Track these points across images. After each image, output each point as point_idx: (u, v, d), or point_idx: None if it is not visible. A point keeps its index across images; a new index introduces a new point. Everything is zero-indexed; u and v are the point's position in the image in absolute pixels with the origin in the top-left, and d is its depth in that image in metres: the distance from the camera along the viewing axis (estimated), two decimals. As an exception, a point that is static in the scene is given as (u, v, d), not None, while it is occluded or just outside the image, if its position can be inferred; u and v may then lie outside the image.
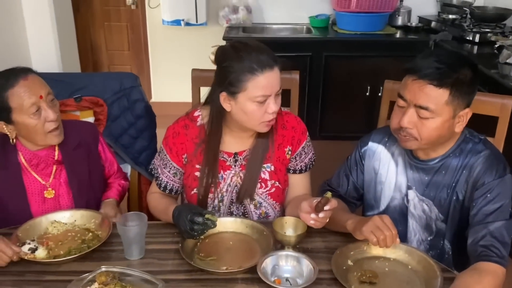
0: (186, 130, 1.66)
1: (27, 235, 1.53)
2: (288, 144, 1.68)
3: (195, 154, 1.65)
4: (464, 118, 1.42)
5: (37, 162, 1.66)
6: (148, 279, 1.31)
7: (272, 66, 1.47)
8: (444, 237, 1.54)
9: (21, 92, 1.53)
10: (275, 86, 1.49)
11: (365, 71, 3.80)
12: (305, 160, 1.72)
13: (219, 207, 1.69)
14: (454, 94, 1.36)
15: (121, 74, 2.27)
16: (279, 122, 1.67)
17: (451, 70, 1.35)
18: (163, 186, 1.71)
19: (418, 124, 1.40)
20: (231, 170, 1.66)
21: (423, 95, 1.37)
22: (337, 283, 1.32)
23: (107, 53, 4.73)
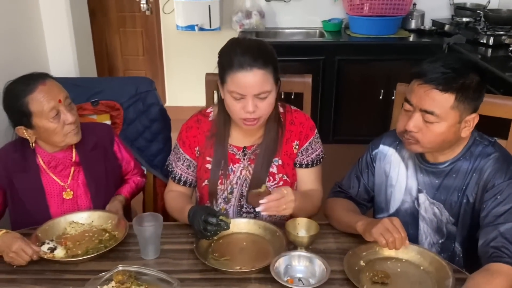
0: (198, 124, 1.73)
1: (46, 235, 1.58)
2: (295, 139, 1.71)
3: (206, 147, 1.71)
4: (470, 123, 1.42)
5: (55, 164, 1.71)
6: (164, 278, 1.34)
7: (250, 68, 1.48)
8: (454, 240, 1.55)
9: (41, 97, 1.58)
10: (250, 88, 1.50)
11: (378, 75, 3.80)
12: (312, 156, 1.74)
13: (229, 199, 1.72)
14: (459, 99, 1.36)
15: (137, 78, 2.31)
16: (288, 118, 1.72)
17: (457, 75, 1.36)
18: (178, 179, 1.76)
19: (423, 128, 1.41)
20: (240, 163, 1.71)
21: (428, 100, 1.38)
22: (349, 283, 1.34)
23: (122, 58, 4.80)
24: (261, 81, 1.50)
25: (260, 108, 1.54)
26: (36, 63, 2.42)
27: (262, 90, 1.51)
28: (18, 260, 1.42)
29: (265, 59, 1.51)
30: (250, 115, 1.53)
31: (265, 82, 1.51)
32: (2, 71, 2.12)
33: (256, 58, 1.49)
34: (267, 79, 1.52)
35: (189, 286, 1.36)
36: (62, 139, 1.64)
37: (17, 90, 1.59)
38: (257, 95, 1.52)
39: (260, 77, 1.50)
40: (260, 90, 1.51)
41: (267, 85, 1.52)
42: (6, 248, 1.43)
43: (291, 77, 2.12)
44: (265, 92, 1.52)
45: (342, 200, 1.69)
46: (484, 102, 1.78)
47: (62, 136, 1.63)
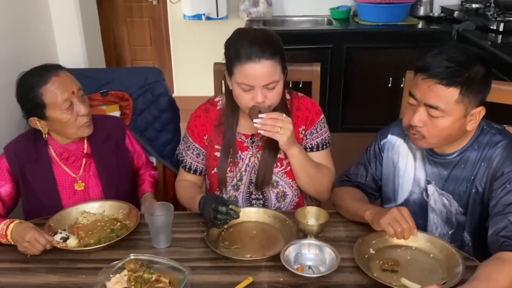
0: (206, 113, 1.75)
1: (58, 225, 1.60)
2: (302, 124, 1.72)
3: (215, 135, 1.72)
4: (476, 117, 1.40)
5: (67, 156, 1.72)
6: (175, 266, 1.35)
7: (258, 59, 1.48)
8: (464, 230, 1.54)
9: (54, 88, 1.58)
10: (259, 79, 1.50)
11: (387, 63, 3.78)
12: (317, 139, 1.74)
13: (238, 186, 1.74)
14: (464, 93, 1.34)
15: (145, 69, 2.32)
16: (295, 104, 1.73)
17: (462, 69, 1.33)
18: (188, 167, 1.78)
19: (428, 123, 1.40)
20: (249, 151, 1.72)
21: (432, 95, 1.36)
22: (359, 271, 1.35)
23: (130, 48, 4.81)
24: (269, 71, 1.50)
25: (269, 98, 1.54)
26: (45, 54, 2.43)
27: (271, 80, 1.51)
28: (31, 250, 1.44)
29: (272, 49, 1.51)
30: (259, 106, 1.54)
31: (273, 72, 1.51)
32: (12, 62, 2.13)
33: (263, 49, 1.49)
34: (275, 69, 1.52)
35: (200, 274, 1.37)
36: (75, 131, 1.65)
37: (31, 81, 1.60)
38: (266, 86, 1.52)
39: (268, 68, 1.50)
40: (268, 80, 1.51)
41: (275, 75, 1.52)
42: (19, 238, 1.45)
43: (300, 65, 2.11)
44: (273, 82, 1.53)
45: (350, 188, 1.69)
46: (494, 89, 1.76)
47: (75, 128, 1.64)
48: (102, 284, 1.29)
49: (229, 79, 1.59)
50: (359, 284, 1.32)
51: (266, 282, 1.34)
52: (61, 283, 1.36)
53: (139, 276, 1.30)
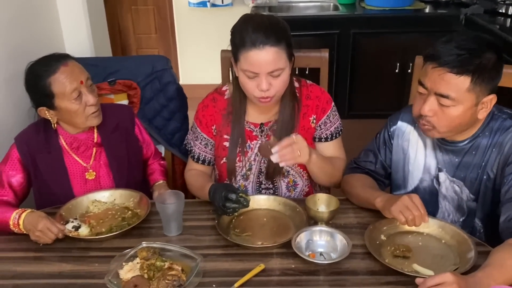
0: (214, 102, 1.73)
1: (69, 214, 1.60)
2: (312, 113, 1.71)
3: (223, 125, 1.71)
4: (488, 105, 1.38)
5: (77, 145, 1.72)
6: (187, 254, 1.36)
7: (262, 46, 1.46)
8: (475, 216, 1.54)
9: (63, 78, 1.58)
10: (263, 66, 1.48)
11: (394, 48, 3.74)
12: (331, 129, 1.73)
13: (247, 175, 1.74)
14: (476, 81, 1.32)
15: (152, 57, 2.32)
16: (304, 92, 1.71)
17: (472, 56, 1.31)
18: (196, 158, 1.78)
19: (438, 112, 1.38)
20: (258, 140, 1.71)
21: (443, 83, 1.34)
22: (371, 257, 1.35)
23: (135, 37, 4.79)
24: (274, 58, 1.48)
25: (274, 86, 1.52)
26: (52, 43, 2.42)
27: (275, 67, 1.49)
28: (44, 239, 1.45)
29: (278, 36, 1.49)
30: (264, 93, 1.52)
31: (278, 60, 1.49)
32: (19, 52, 2.13)
33: (268, 36, 1.47)
34: (280, 56, 1.50)
35: (212, 261, 1.38)
36: (83, 120, 1.65)
37: (39, 71, 1.59)
38: (271, 73, 1.50)
39: (272, 55, 1.48)
40: (273, 68, 1.49)
41: (280, 62, 1.50)
42: (32, 227, 1.46)
43: (308, 52, 2.10)
44: (278, 70, 1.50)
45: (360, 175, 1.68)
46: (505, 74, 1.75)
47: (84, 118, 1.64)
48: (115, 272, 1.30)
49: (235, 65, 1.57)
50: (371, 270, 1.33)
51: (278, 269, 1.34)
52: (74, 271, 1.37)
53: (152, 264, 1.31)
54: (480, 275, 1.18)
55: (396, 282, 1.27)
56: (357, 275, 1.31)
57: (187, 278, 1.27)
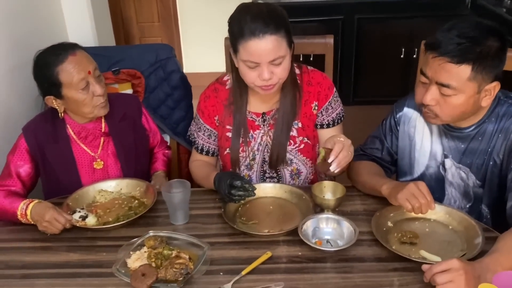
0: (216, 93, 1.72)
1: (76, 204, 1.61)
2: (314, 100, 1.69)
3: (225, 116, 1.70)
4: (491, 92, 1.36)
5: (85, 135, 1.72)
6: (194, 242, 1.37)
7: (262, 35, 1.44)
8: (481, 202, 1.53)
9: (71, 67, 1.57)
10: (264, 55, 1.46)
11: (399, 33, 3.71)
12: (333, 115, 1.72)
13: (251, 165, 1.73)
14: (477, 70, 1.30)
15: (156, 45, 2.30)
16: (305, 79, 1.69)
17: (474, 44, 1.29)
18: (200, 149, 1.78)
19: (440, 101, 1.37)
20: (261, 129, 1.71)
21: (444, 73, 1.32)
22: (378, 244, 1.35)
23: (138, 25, 4.76)
24: (274, 47, 1.46)
25: (276, 74, 1.51)
26: (55, 33, 2.42)
27: (276, 56, 1.47)
28: (51, 229, 1.46)
29: (277, 23, 1.46)
30: (267, 82, 1.51)
31: (279, 48, 1.47)
32: (23, 43, 2.13)
33: (267, 24, 1.44)
34: (280, 44, 1.47)
35: (219, 249, 1.38)
36: (91, 110, 1.65)
37: (47, 60, 1.59)
38: (272, 62, 1.48)
39: (273, 43, 1.45)
40: (274, 56, 1.47)
41: (281, 50, 1.48)
42: (39, 217, 1.47)
43: (312, 38, 2.08)
44: (279, 58, 1.48)
45: (367, 162, 1.68)
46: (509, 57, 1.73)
47: (91, 108, 1.64)
48: (122, 261, 1.31)
49: (235, 56, 1.55)
50: (378, 257, 1.33)
51: (285, 256, 1.35)
52: (82, 260, 1.38)
53: (159, 252, 1.31)
54: (487, 261, 1.18)
55: (403, 269, 1.27)
56: (364, 261, 1.31)
57: (195, 266, 1.27)
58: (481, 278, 1.13)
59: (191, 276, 1.26)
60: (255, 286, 1.23)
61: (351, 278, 1.26)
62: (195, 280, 1.26)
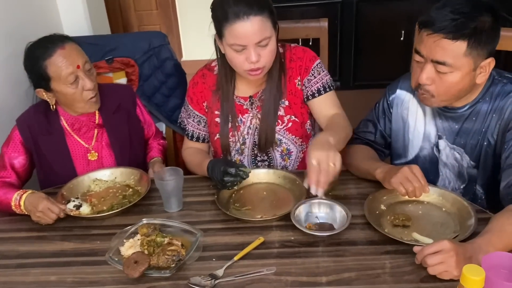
0: (203, 79, 1.72)
1: (71, 193, 1.62)
2: (297, 75, 1.68)
3: (213, 101, 1.70)
4: (486, 69, 1.35)
5: (79, 126, 1.72)
6: (187, 229, 1.37)
7: (246, 17, 1.42)
8: (475, 183, 1.52)
9: (59, 62, 1.56)
10: (251, 37, 1.45)
11: (398, 15, 3.68)
12: (317, 84, 1.66)
13: (242, 150, 1.73)
14: (472, 45, 1.28)
15: (149, 33, 2.29)
16: (287, 56, 1.68)
17: (468, 20, 1.27)
18: (191, 136, 1.78)
19: (436, 80, 1.35)
20: (249, 113, 1.70)
21: (439, 50, 1.30)
22: (370, 227, 1.35)
23: (136, 13, 4.74)
24: (259, 28, 1.45)
25: (263, 56, 1.50)
26: (49, 23, 2.41)
27: (262, 37, 1.46)
28: (45, 219, 1.47)
29: (260, 4, 1.45)
30: (254, 65, 1.50)
31: (264, 28, 1.46)
32: (16, 33, 2.12)
33: (250, 5, 1.43)
34: (266, 24, 1.46)
35: (212, 236, 1.39)
36: (82, 105, 1.64)
37: (36, 53, 1.58)
38: (258, 43, 1.47)
39: (258, 24, 1.44)
40: (260, 37, 1.46)
41: (267, 31, 1.47)
42: (33, 208, 1.47)
43: (307, 22, 2.07)
44: (265, 39, 1.48)
45: (360, 146, 1.67)
46: (507, 36, 1.71)
47: (82, 103, 1.63)
48: (116, 249, 1.32)
49: (220, 42, 1.54)
50: (370, 240, 1.32)
51: (277, 241, 1.35)
52: (76, 249, 1.39)
53: (152, 240, 1.32)
54: (479, 242, 1.18)
55: (395, 251, 1.27)
56: (357, 245, 1.31)
57: (187, 252, 1.28)
58: (473, 259, 1.13)
59: (184, 262, 1.26)
60: (247, 271, 1.24)
61: (343, 261, 1.26)
62: (188, 267, 1.27)
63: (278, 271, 1.23)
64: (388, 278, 1.19)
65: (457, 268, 1.11)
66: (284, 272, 1.23)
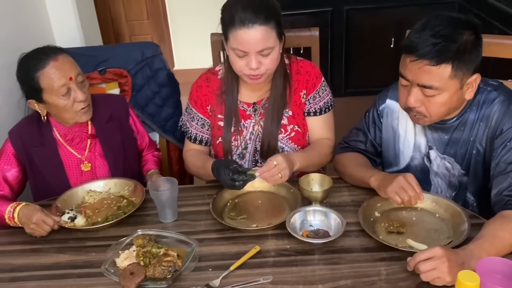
0: (207, 82, 1.73)
1: (65, 205, 1.61)
2: (303, 88, 1.71)
3: (217, 105, 1.71)
4: (473, 85, 1.35)
5: (71, 137, 1.72)
6: (183, 239, 1.37)
7: (251, 25, 1.45)
8: (466, 190, 1.53)
9: (51, 73, 1.56)
10: (252, 45, 1.47)
11: (388, 23, 3.71)
12: (320, 103, 1.72)
13: (243, 154, 1.74)
14: (457, 67, 1.29)
15: (141, 44, 2.30)
16: (294, 68, 1.71)
17: (450, 42, 1.27)
18: (194, 138, 1.78)
19: (425, 102, 1.36)
20: (252, 119, 1.71)
21: (424, 75, 1.30)
22: (365, 234, 1.36)
23: (127, 23, 4.75)
24: (263, 37, 1.47)
25: (264, 64, 1.52)
26: (41, 34, 2.40)
27: (265, 46, 1.49)
28: (39, 231, 1.46)
29: (267, 14, 1.47)
30: (254, 72, 1.52)
31: (268, 39, 1.48)
32: (8, 44, 2.11)
33: (257, 14, 1.45)
34: (270, 35, 1.48)
35: (208, 245, 1.39)
36: (72, 116, 1.63)
37: (28, 65, 1.58)
38: (260, 52, 1.49)
39: (262, 34, 1.47)
40: (262, 46, 1.48)
41: (270, 41, 1.49)
42: (27, 220, 1.46)
43: (298, 31, 2.08)
44: (268, 49, 1.50)
45: (352, 154, 1.67)
46: (498, 43, 1.73)
47: (72, 113, 1.63)
48: (111, 260, 1.32)
49: (226, 44, 1.57)
50: (365, 247, 1.33)
51: (273, 250, 1.35)
52: (72, 261, 1.38)
53: (148, 251, 1.32)
54: (472, 248, 1.19)
55: (390, 258, 1.28)
56: (352, 252, 1.32)
57: (183, 263, 1.27)
58: (465, 265, 1.14)
59: (180, 273, 1.26)
60: (243, 281, 1.24)
61: (338, 269, 1.26)
62: (184, 277, 1.27)
63: (275, 280, 1.24)
64: (383, 285, 1.20)
65: (449, 274, 1.12)
66: (281, 281, 1.23)
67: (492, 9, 2.91)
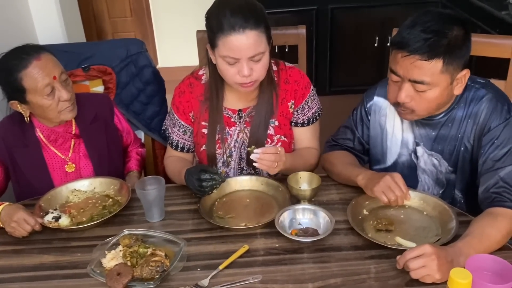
0: (191, 88, 1.68)
1: (49, 204, 1.58)
2: (291, 98, 1.68)
3: (201, 112, 1.67)
4: (462, 80, 1.37)
5: (55, 138, 1.68)
6: (170, 239, 1.35)
7: (242, 30, 1.41)
8: (454, 187, 1.54)
9: (35, 73, 1.52)
10: (244, 51, 1.43)
11: (372, 22, 3.74)
12: (308, 114, 1.71)
13: (228, 162, 1.71)
14: (448, 62, 1.30)
15: (126, 40, 2.26)
16: (282, 77, 1.67)
17: (440, 37, 1.29)
18: (175, 145, 1.75)
19: (416, 97, 1.37)
20: (236, 126, 1.68)
21: (416, 70, 1.32)
22: (354, 232, 1.35)
23: (110, 20, 4.68)
24: (254, 42, 1.43)
25: (255, 71, 1.48)
26: (23, 32, 2.35)
27: (256, 52, 1.45)
28: (19, 230, 1.41)
29: (257, 18, 1.43)
30: (246, 79, 1.48)
31: (259, 43, 1.45)
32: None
33: (247, 19, 1.41)
34: (261, 39, 1.45)
35: (196, 245, 1.37)
36: (56, 115, 1.60)
37: (10, 65, 1.53)
38: (252, 58, 1.45)
39: (253, 38, 1.43)
40: (254, 52, 1.44)
41: (261, 46, 1.46)
42: (8, 218, 1.42)
43: (285, 29, 2.07)
44: (259, 54, 1.46)
45: (340, 152, 1.67)
46: (481, 42, 1.76)
47: (57, 113, 1.59)
48: (98, 261, 1.29)
49: (212, 52, 1.51)
50: (354, 245, 1.33)
51: (262, 249, 1.34)
52: (56, 262, 1.35)
53: (135, 251, 1.30)
54: (460, 245, 1.20)
55: (379, 256, 1.28)
56: (341, 250, 1.32)
57: (171, 263, 1.26)
58: (454, 262, 1.15)
59: (168, 273, 1.24)
60: (233, 280, 1.23)
61: (328, 267, 1.26)
62: (172, 277, 1.25)
63: (264, 279, 1.23)
64: (373, 283, 1.20)
65: (439, 272, 1.13)
66: (270, 280, 1.23)
67: (474, 8, 2.95)
